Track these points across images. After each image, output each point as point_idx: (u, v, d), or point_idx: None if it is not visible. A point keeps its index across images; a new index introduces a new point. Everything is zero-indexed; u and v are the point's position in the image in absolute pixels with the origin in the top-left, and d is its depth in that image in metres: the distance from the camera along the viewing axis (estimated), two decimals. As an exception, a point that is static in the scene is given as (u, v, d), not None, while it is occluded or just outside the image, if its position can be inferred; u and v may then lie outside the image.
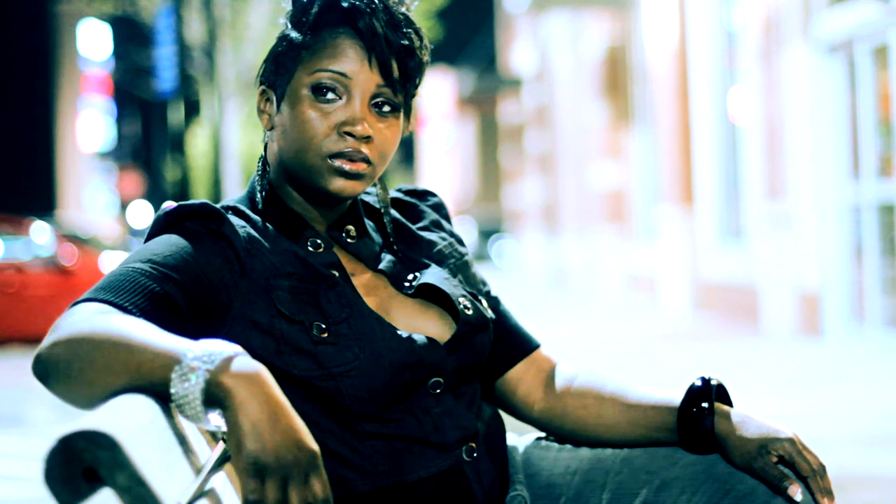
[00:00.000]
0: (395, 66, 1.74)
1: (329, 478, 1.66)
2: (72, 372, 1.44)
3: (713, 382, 1.77)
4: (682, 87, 15.08)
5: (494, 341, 1.91)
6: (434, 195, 1.99)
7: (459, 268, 1.90)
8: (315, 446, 1.39)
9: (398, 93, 1.75)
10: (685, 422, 1.77)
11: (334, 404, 1.69)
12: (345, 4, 1.74)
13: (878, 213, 10.02)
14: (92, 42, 38.21)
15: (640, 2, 17.56)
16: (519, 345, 1.94)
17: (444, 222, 1.96)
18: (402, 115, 1.78)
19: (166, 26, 16.19)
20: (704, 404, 1.76)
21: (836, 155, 10.70)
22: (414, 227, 1.91)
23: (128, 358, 1.42)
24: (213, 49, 15.87)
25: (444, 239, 1.92)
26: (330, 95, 1.73)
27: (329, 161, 1.73)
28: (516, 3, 23.55)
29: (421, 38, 1.78)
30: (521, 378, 1.93)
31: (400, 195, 1.96)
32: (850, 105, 10.57)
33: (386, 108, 1.75)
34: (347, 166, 1.72)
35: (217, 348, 1.40)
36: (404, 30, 1.75)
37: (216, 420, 1.40)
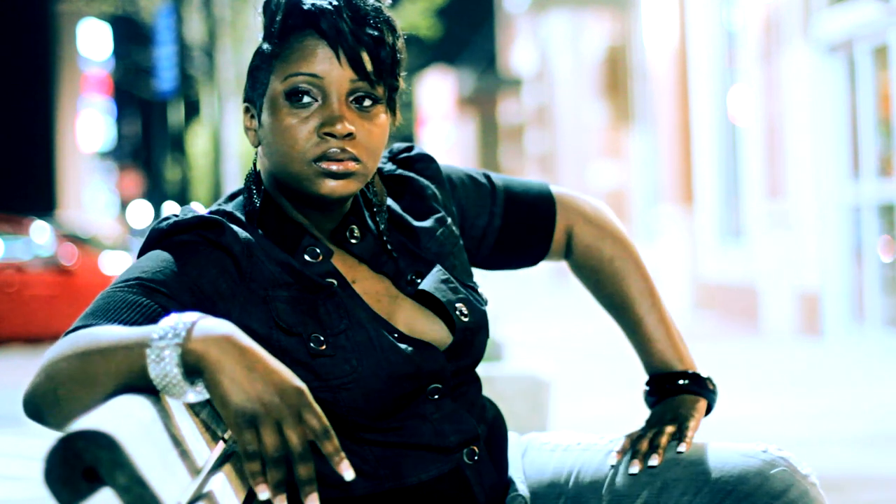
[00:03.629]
0: (366, 58, 1.71)
1: (329, 480, 1.65)
2: (59, 398, 1.43)
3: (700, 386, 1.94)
4: (682, 87, 15.08)
5: (534, 223, 1.97)
6: (429, 160, 1.91)
7: (456, 254, 1.86)
8: (300, 383, 1.39)
9: (376, 85, 1.72)
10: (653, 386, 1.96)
11: (332, 415, 1.68)
12: (306, 7, 1.72)
13: (878, 213, 10.02)
14: (92, 42, 38.16)
15: (640, 2, 17.56)
16: (546, 211, 1.99)
17: (438, 193, 1.89)
18: (386, 107, 1.75)
19: (166, 26, 16.20)
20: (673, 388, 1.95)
21: (836, 155, 10.70)
22: (413, 222, 1.85)
23: (104, 363, 1.42)
24: (213, 49, 15.87)
25: (441, 223, 1.86)
26: (305, 99, 1.71)
27: (315, 165, 1.69)
28: (516, 3, 23.55)
29: (393, 28, 1.74)
30: (569, 225, 2.01)
31: (395, 169, 1.90)
32: (850, 105, 10.57)
33: (367, 103, 1.72)
34: (334, 167, 1.69)
35: (179, 320, 1.41)
36: (372, 21, 1.72)
37: (204, 390, 1.40)
